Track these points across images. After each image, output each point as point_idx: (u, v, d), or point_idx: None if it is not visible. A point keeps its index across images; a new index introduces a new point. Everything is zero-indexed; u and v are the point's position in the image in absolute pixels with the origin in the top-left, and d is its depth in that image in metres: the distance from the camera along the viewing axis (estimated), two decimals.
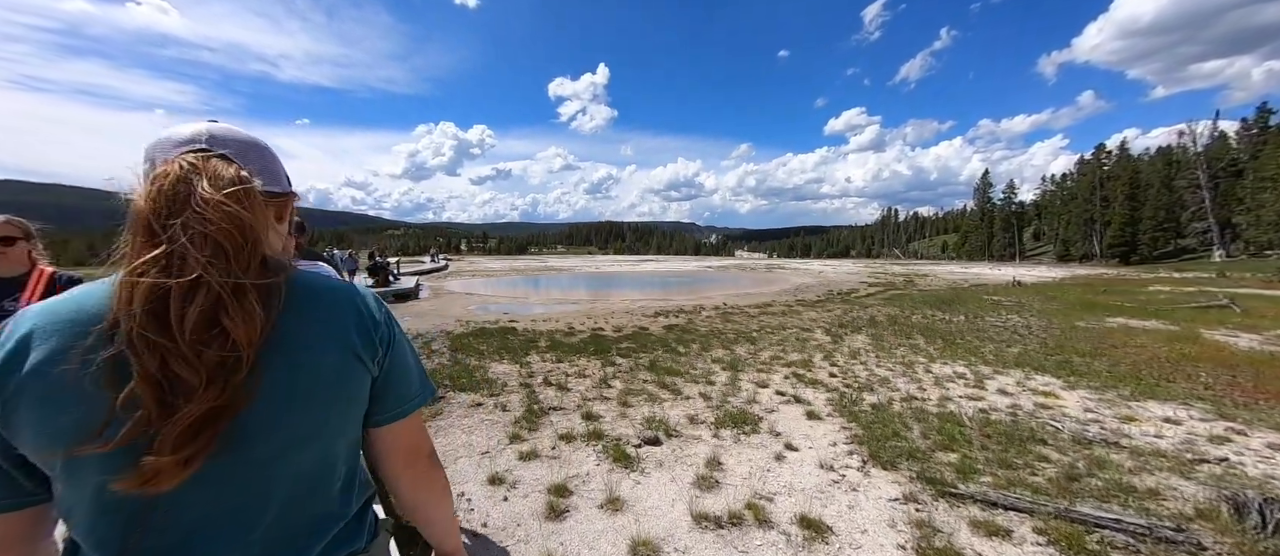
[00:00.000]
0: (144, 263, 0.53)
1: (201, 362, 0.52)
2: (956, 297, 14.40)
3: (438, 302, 14.01)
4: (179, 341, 0.52)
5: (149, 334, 0.52)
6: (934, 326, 9.23)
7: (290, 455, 0.61)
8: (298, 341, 0.61)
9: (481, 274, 28.89)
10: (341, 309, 0.67)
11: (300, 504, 0.63)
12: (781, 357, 6.69)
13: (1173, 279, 23.24)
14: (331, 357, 0.64)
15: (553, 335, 8.58)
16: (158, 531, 0.56)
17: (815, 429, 4.08)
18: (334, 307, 0.66)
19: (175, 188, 0.56)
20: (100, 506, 0.55)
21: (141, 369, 0.51)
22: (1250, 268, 30.68)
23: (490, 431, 4.08)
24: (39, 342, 0.54)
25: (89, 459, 0.52)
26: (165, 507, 0.56)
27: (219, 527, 0.58)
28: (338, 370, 0.64)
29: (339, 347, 0.65)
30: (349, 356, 0.65)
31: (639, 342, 7.82)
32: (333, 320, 0.65)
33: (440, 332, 8.91)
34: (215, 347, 0.53)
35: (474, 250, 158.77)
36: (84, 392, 0.52)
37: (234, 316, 0.54)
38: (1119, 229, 47.60)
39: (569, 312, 11.83)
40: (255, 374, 0.56)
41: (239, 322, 0.54)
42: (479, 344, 7.76)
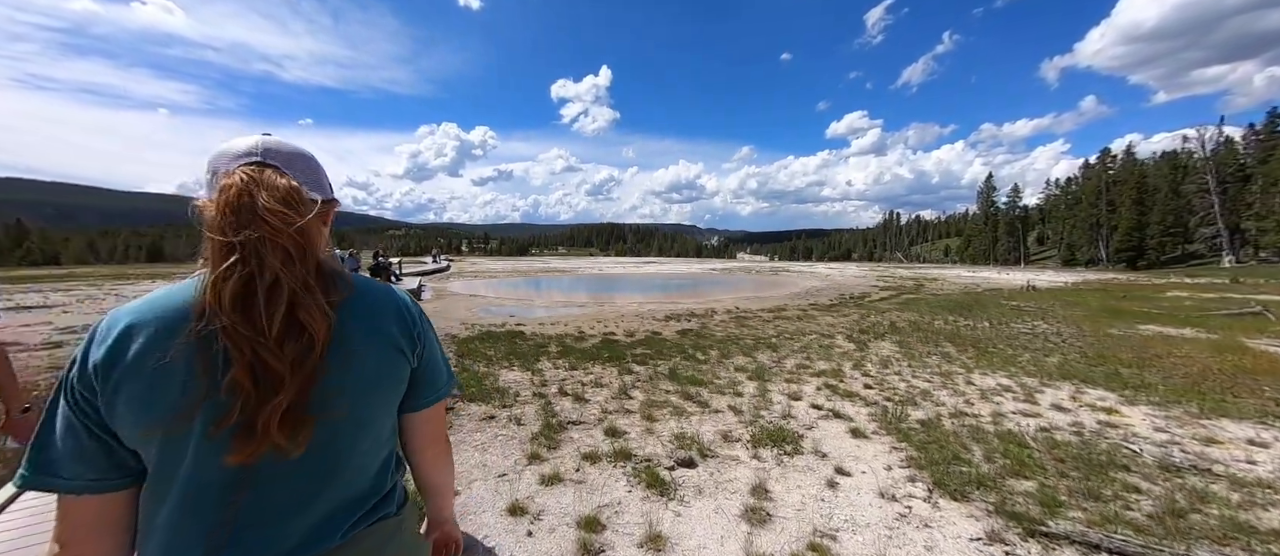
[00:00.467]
0: (228, 267, 0.59)
1: (285, 353, 0.61)
2: (974, 303, 14.02)
3: (441, 304, 13.64)
4: (267, 335, 0.60)
5: (241, 329, 0.59)
6: (961, 333, 8.85)
7: (349, 436, 0.69)
8: (353, 336, 0.69)
9: (484, 275, 28.54)
10: (386, 307, 0.75)
11: (353, 478, 0.71)
12: (808, 366, 6.31)
13: (1188, 285, 22.83)
14: (380, 351, 0.72)
15: (563, 340, 8.21)
16: (256, 501, 0.64)
17: (863, 449, 3.70)
18: (379, 305, 0.74)
19: (239, 199, 0.61)
20: (208, 480, 0.62)
21: (240, 358, 0.59)
22: (1263, 273, 30.30)
23: (506, 449, 3.71)
24: (137, 337, 0.61)
25: (197, 440, 0.61)
26: (262, 480, 0.64)
27: (301, 495, 0.66)
28: (386, 362, 0.72)
29: (386, 342, 0.73)
30: (393, 350, 0.73)
31: (654, 348, 7.44)
32: (380, 317, 0.73)
33: (445, 336, 8.54)
34: (294, 340, 0.62)
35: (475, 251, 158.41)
36: (179, 379, 0.60)
37: (311, 312, 0.62)
38: (1126, 234, 47.18)
39: (577, 316, 11.46)
40: (322, 364, 0.63)
41: (316, 317, 0.63)
42: (486, 349, 7.40)
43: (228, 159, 0.67)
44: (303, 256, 0.63)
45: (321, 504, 0.67)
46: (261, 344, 0.59)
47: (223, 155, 0.68)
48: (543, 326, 9.71)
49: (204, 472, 0.62)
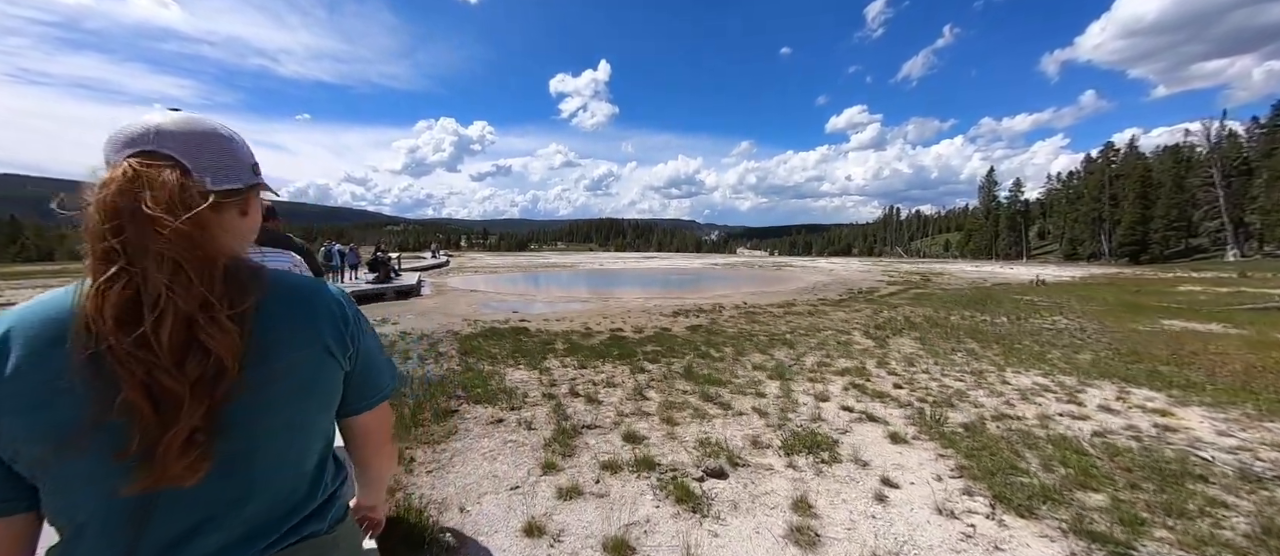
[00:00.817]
0: (108, 278, 0.53)
1: (185, 374, 0.54)
2: (986, 297, 13.73)
3: (441, 300, 13.31)
4: (160, 357, 0.53)
5: (129, 349, 0.52)
6: (980, 329, 8.56)
7: (273, 447, 0.63)
8: (275, 341, 0.62)
9: (484, 270, 28.18)
10: (313, 306, 0.68)
11: (276, 493, 0.65)
12: (829, 364, 6.01)
13: (1197, 279, 22.57)
14: (307, 354, 0.65)
15: (569, 336, 7.90)
16: (160, 526, 0.58)
17: (906, 456, 3.40)
18: (307, 306, 0.67)
19: (117, 201, 0.54)
20: (107, 509, 0.57)
21: (131, 379, 0.52)
22: (1270, 267, 30.05)
23: (517, 456, 3.41)
24: (17, 345, 0.55)
25: (97, 464, 0.55)
26: (164, 504, 0.58)
27: (212, 517, 0.61)
28: (314, 366, 0.66)
29: (314, 344, 0.66)
30: (323, 353, 0.67)
31: (665, 345, 7.14)
32: (307, 317, 0.66)
33: (447, 333, 8.23)
34: (196, 361, 0.54)
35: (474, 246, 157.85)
36: (68, 398, 0.54)
37: (211, 333, 0.55)
38: (1129, 228, 46.93)
39: (581, 311, 11.15)
40: (238, 379, 0.57)
41: (217, 338, 0.55)
42: (490, 346, 7.09)
43: (119, 145, 0.60)
44: (200, 267, 0.56)
45: (238, 524, 0.62)
46: (155, 364, 0.53)
47: (113, 141, 0.60)
48: (547, 323, 9.40)
49: (102, 500, 0.57)
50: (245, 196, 0.69)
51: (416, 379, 5.32)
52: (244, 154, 0.69)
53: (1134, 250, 46.47)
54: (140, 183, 0.55)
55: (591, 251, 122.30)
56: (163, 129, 0.61)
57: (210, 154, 0.63)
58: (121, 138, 0.60)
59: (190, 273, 0.54)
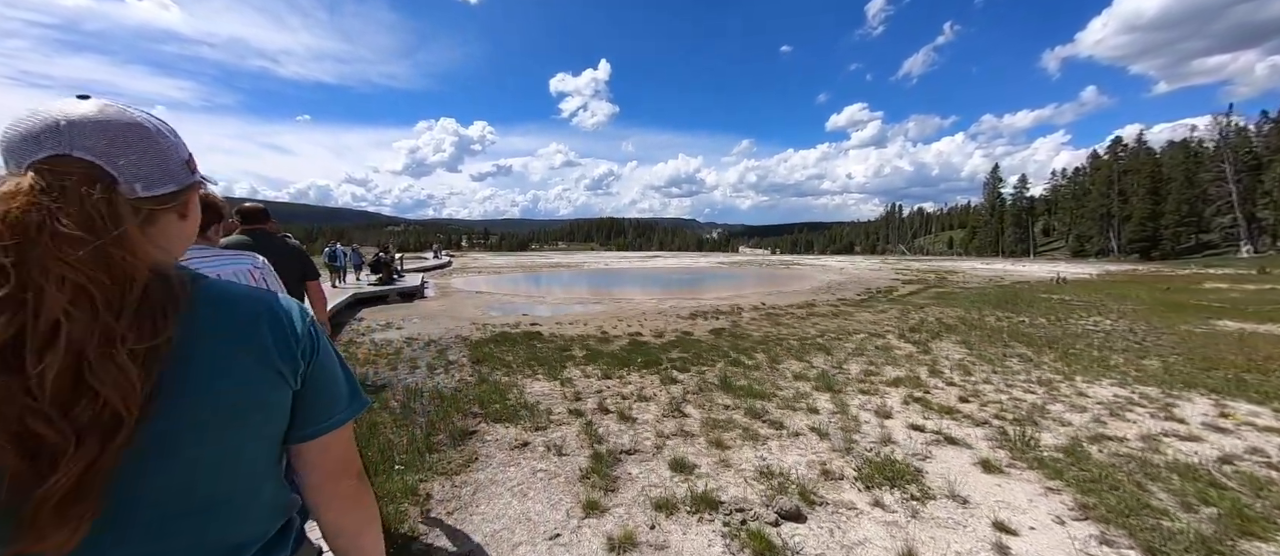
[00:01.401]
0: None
1: (69, 422, 0.46)
2: (1013, 296, 13.21)
3: (447, 302, 12.82)
4: (40, 400, 0.45)
5: (2, 388, 0.45)
6: (1023, 332, 8.04)
7: (198, 486, 0.55)
8: (205, 361, 0.54)
9: (488, 271, 27.68)
10: (256, 321, 0.60)
11: (211, 533, 0.57)
12: (875, 373, 5.51)
13: (1220, 276, 22.02)
14: (245, 376, 0.57)
15: (586, 342, 7.40)
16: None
17: (1009, 490, 2.89)
18: (247, 320, 0.59)
19: (22, 218, 0.46)
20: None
21: (1, 425, 0.45)
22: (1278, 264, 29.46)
23: (551, 491, 2.91)
24: None
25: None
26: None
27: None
28: (252, 388, 0.58)
29: (254, 364, 0.58)
30: (267, 371, 0.59)
31: (690, 351, 6.63)
32: (245, 332, 0.58)
33: (456, 339, 7.73)
34: (86, 406, 0.46)
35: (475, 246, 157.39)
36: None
37: (102, 377, 0.46)
38: (1140, 224, 46.34)
39: (595, 314, 10.64)
40: (150, 410, 0.49)
41: (107, 383, 0.46)
42: (504, 353, 6.59)
43: (20, 146, 0.50)
44: (112, 292, 0.48)
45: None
46: (32, 409, 0.45)
47: (11, 142, 0.51)
48: (561, 326, 8.90)
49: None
50: (183, 199, 0.61)
51: (427, 392, 4.82)
52: (176, 149, 0.60)
53: (1145, 246, 45.88)
54: (49, 194, 0.48)
55: (594, 251, 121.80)
56: (76, 123, 0.52)
57: (136, 153, 0.54)
58: (22, 133, 0.51)
59: (97, 298, 0.47)
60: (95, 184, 0.50)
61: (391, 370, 5.83)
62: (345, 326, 8.98)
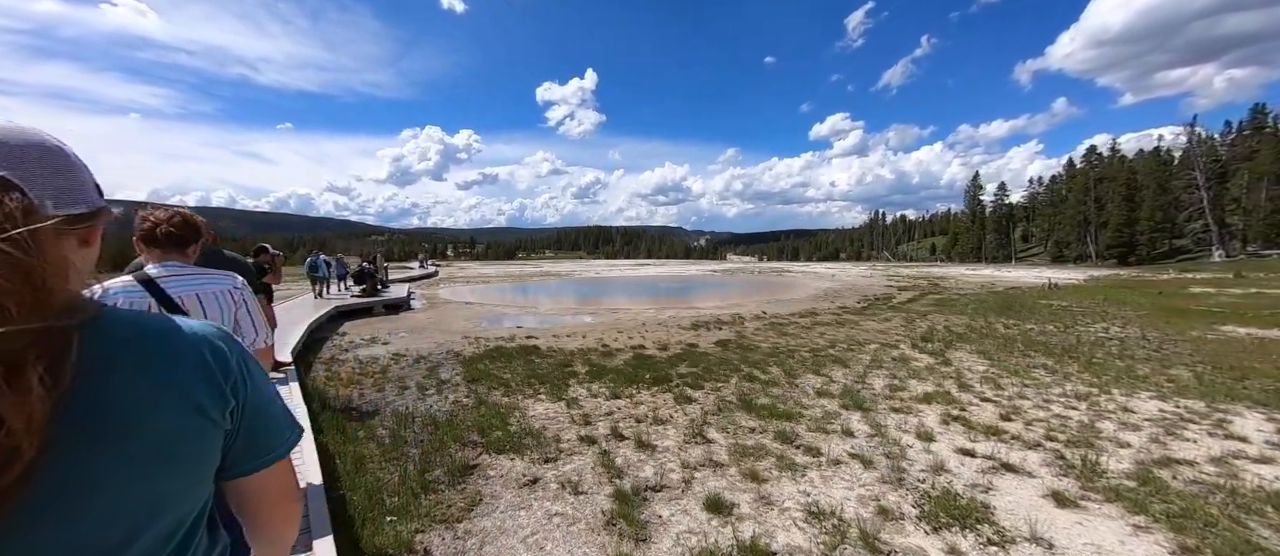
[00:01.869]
0: None
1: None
2: (1011, 303, 13.14)
3: (435, 314, 12.25)
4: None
5: None
6: (1035, 340, 7.84)
7: (111, 540, 0.48)
8: (118, 399, 0.49)
9: (476, 280, 27.00)
10: (175, 354, 0.55)
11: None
12: (901, 387, 5.19)
13: (1202, 279, 22.47)
14: (165, 419, 0.52)
15: (587, 356, 6.97)
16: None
17: (1094, 529, 2.56)
18: (165, 354, 0.54)
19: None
20: None
21: None
22: (1259, 267, 30.33)
23: (572, 543, 2.49)
24: None
25: None
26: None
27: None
28: (174, 432, 0.52)
29: (176, 405, 0.53)
30: (190, 413, 0.54)
31: (699, 366, 6.26)
32: (164, 370, 0.53)
33: (447, 354, 7.23)
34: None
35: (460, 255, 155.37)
36: None
37: (4, 403, 0.42)
38: (1117, 230, 47.55)
39: (592, 325, 10.20)
40: (48, 455, 0.44)
41: (9, 405, 0.42)
42: (500, 370, 6.13)
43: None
44: (28, 309, 0.43)
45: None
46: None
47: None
48: (558, 339, 8.45)
49: None
50: (90, 224, 0.57)
51: (419, 418, 4.35)
52: (86, 171, 0.57)
53: (1122, 251, 47.04)
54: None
55: (582, 259, 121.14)
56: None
57: (47, 171, 0.52)
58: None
59: (12, 312, 0.43)
60: (10, 191, 0.47)
61: (378, 392, 5.33)
62: (326, 342, 8.40)
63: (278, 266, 4.80)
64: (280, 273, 4.81)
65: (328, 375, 6.05)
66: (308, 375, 5.99)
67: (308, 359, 6.91)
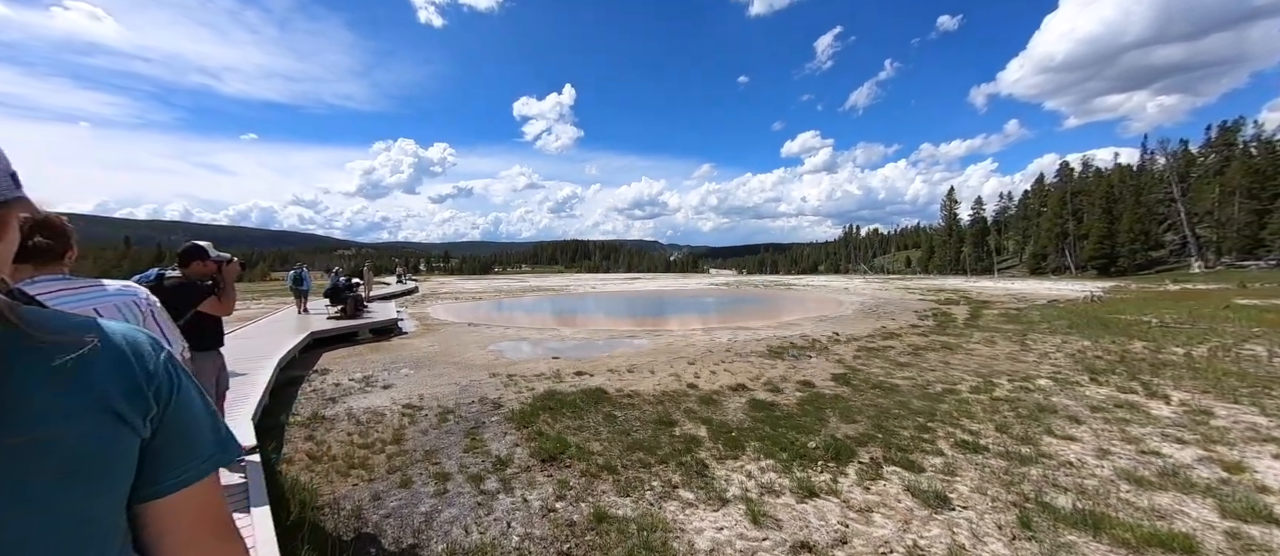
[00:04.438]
0: None
1: None
2: (1092, 318, 11.80)
3: (437, 341, 10.00)
4: None
5: None
6: (1229, 368, 6.29)
7: None
8: (22, 403, 0.45)
9: (465, 296, 24.46)
10: (97, 357, 0.51)
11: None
12: (1216, 450, 3.44)
13: (1237, 291, 22.14)
14: (79, 425, 0.47)
15: (680, 402, 5.04)
16: None
17: None
18: (84, 357, 0.50)
19: None
20: None
21: None
22: (1255, 277, 30.75)
23: None
24: None
25: None
26: None
27: None
28: (87, 436, 0.48)
29: (90, 410, 0.48)
30: (106, 418, 0.49)
31: (857, 419, 4.43)
32: (80, 374, 0.49)
33: (482, 404, 5.14)
34: None
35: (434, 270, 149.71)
36: None
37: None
38: (1098, 241, 48.52)
39: (642, 352, 8.21)
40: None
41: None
42: (574, 430, 4.17)
43: None
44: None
45: None
46: None
47: None
48: (619, 375, 6.44)
49: None
50: (5, 210, 0.52)
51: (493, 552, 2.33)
52: (3, 159, 0.51)
53: (1103, 263, 47.95)
54: None
55: (566, 273, 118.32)
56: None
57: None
58: None
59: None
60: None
61: (402, 487, 3.25)
62: (303, 385, 6.15)
63: (228, 281, 2.72)
64: (232, 291, 2.72)
65: (313, 453, 3.89)
66: (277, 455, 3.83)
67: (276, 418, 4.71)
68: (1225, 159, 45.81)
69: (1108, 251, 48.07)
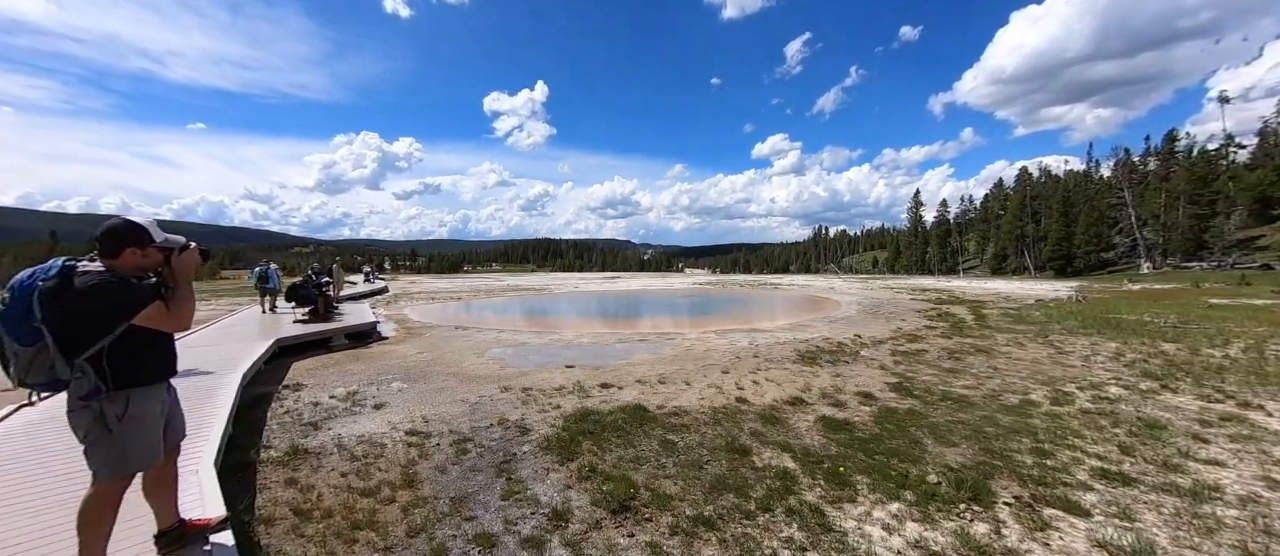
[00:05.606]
0: None
1: None
2: (1101, 319, 11.81)
3: (425, 347, 8.93)
4: None
5: None
6: (1267, 370, 6.06)
7: None
8: None
9: (441, 297, 23.00)
10: None
11: None
12: None
13: (1208, 290, 23.22)
14: None
15: (738, 421, 4.32)
16: None
17: None
18: None
19: None
20: None
21: None
22: (1187, 277, 32.68)
23: None
24: None
25: None
26: None
27: None
28: None
29: None
30: None
31: (954, 439, 3.82)
32: None
33: (503, 427, 4.26)
34: None
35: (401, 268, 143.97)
36: None
37: None
38: (1056, 243, 50.89)
39: (663, 360, 7.44)
40: None
41: None
42: (631, 464, 3.41)
43: None
44: None
45: None
46: None
47: None
48: (649, 386, 5.67)
49: None
50: None
51: None
52: None
53: (1061, 263, 50.33)
54: None
55: (544, 273, 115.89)
56: None
57: None
58: None
59: None
60: None
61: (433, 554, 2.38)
62: (271, 403, 5.10)
63: (182, 279, 1.81)
64: (188, 293, 1.81)
65: (298, 504, 2.96)
66: (250, 504, 2.88)
67: (243, 453, 3.70)
68: (1167, 167, 48.93)
69: (1065, 252, 50.47)
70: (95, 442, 1.68)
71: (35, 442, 3.45)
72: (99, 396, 1.66)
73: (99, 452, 1.69)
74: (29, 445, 3.41)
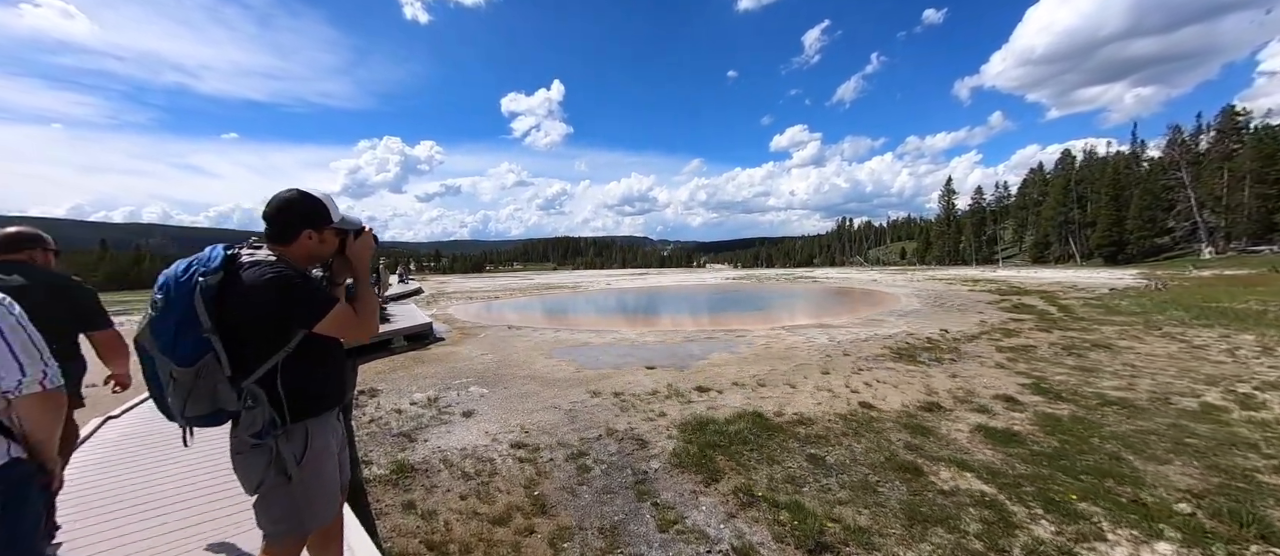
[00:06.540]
0: None
1: None
2: (1207, 309, 10.80)
3: (486, 348, 8.62)
4: None
5: None
6: None
7: None
8: None
9: (479, 296, 22.93)
10: None
11: None
12: None
13: (1241, 275, 21.51)
14: None
15: (877, 430, 3.78)
16: None
17: None
18: None
19: None
20: None
21: None
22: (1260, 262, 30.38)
23: None
24: None
25: None
26: None
27: None
28: None
29: None
30: None
31: (1164, 455, 3.19)
32: None
33: (615, 438, 3.83)
34: None
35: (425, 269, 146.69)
36: None
37: None
38: (1106, 229, 48.21)
39: (741, 360, 6.93)
40: None
41: None
42: (786, 484, 2.94)
43: None
44: None
45: None
46: None
47: None
48: (751, 390, 5.17)
49: None
50: None
51: None
52: None
53: (1111, 250, 47.67)
54: None
55: (566, 271, 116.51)
56: None
57: None
58: None
59: None
60: None
61: None
62: (351, 408, 4.79)
63: (360, 260, 1.40)
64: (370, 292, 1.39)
65: (426, 535, 2.58)
66: (373, 532, 2.50)
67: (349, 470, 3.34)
68: (1227, 144, 45.71)
69: (1115, 239, 47.78)
70: (270, 493, 1.27)
71: None
72: (274, 432, 1.25)
73: (276, 506, 1.28)
74: None
